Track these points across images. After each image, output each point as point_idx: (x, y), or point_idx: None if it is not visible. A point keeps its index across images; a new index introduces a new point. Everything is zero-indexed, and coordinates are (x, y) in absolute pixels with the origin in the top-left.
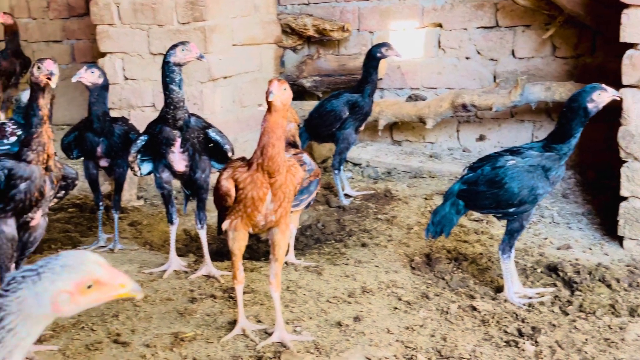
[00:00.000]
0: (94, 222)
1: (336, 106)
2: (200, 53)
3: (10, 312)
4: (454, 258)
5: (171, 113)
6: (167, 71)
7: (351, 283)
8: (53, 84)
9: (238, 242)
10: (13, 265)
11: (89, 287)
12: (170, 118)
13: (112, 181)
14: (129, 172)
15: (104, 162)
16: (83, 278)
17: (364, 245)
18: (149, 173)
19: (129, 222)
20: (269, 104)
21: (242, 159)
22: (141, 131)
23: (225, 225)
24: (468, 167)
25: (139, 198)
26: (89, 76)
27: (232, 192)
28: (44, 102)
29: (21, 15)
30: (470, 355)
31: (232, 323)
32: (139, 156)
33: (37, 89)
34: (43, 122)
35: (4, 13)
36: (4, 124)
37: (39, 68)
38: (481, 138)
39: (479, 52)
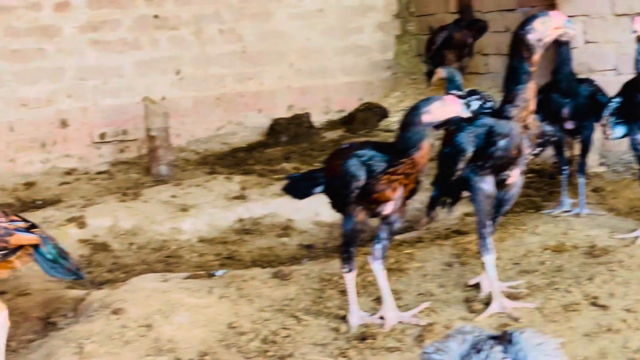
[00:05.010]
0: (554, 187)
1: None
2: None
3: None
4: None
5: None
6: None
7: None
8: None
9: None
10: (490, 223)
11: None
12: None
13: (577, 144)
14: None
15: (569, 125)
16: None
17: None
18: (623, 136)
19: (591, 188)
20: None
21: None
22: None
23: None
24: None
25: (600, 164)
26: None
27: None
28: (537, 59)
29: None
30: None
31: None
32: (611, 118)
33: (535, 45)
34: (531, 79)
35: None
36: (474, 90)
37: (543, 23)
38: None
39: None
